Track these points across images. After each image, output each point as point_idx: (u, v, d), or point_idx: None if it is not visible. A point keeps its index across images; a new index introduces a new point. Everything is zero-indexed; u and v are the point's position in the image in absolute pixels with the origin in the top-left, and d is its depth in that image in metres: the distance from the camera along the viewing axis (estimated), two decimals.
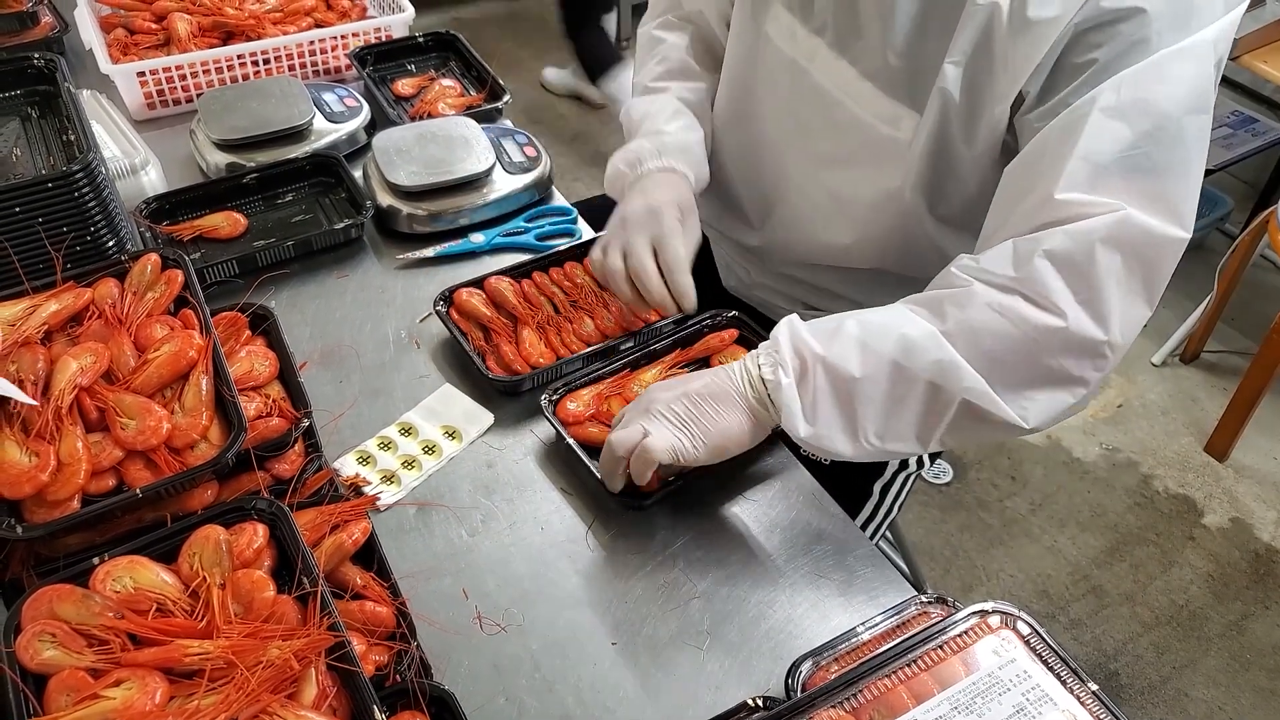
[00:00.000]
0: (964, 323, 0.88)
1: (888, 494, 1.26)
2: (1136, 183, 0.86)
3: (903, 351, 0.88)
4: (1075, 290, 0.87)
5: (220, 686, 0.70)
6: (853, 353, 0.89)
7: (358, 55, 1.53)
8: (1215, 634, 2.00)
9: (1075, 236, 0.86)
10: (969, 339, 0.88)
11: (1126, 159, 0.86)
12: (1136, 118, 0.86)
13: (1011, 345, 0.88)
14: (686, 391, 0.93)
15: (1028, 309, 0.87)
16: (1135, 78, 0.86)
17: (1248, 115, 2.58)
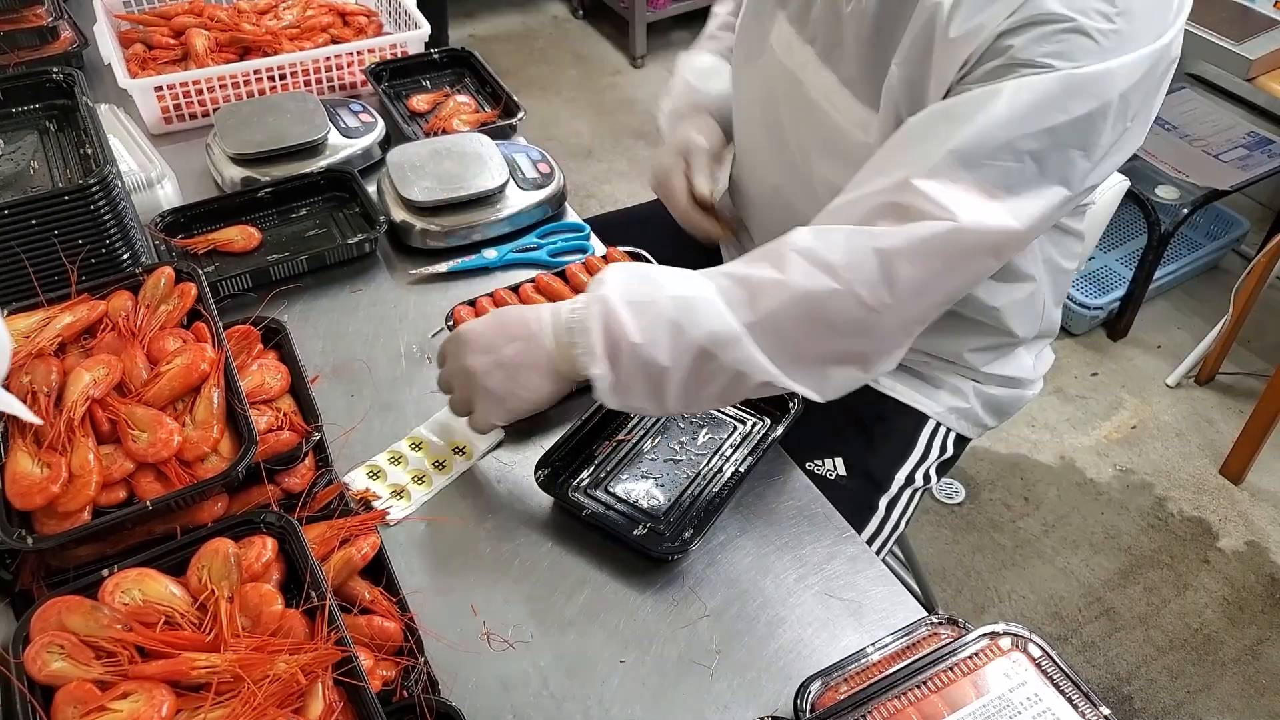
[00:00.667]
0: (772, 318, 0.91)
1: (894, 509, 1.26)
2: (985, 191, 0.89)
3: (711, 342, 0.91)
4: (890, 287, 0.90)
5: (227, 700, 0.70)
6: (663, 339, 0.91)
7: (373, 71, 1.54)
8: (1230, 659, 1.98)
9: (910, 241, 0.89)
10: (772, 335, 0.91)
11: (990, 168, 0.88)
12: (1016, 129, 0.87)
13: (817, 336, 0.92)
14: (501, 361, 0.96)
15: (842, 303, 0.90)
16: (1032, 87, 0.86)
17: (1263, 137, 2.57)
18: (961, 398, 1.27)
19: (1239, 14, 2.21)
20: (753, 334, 0.91)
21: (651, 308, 0.92)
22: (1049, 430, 2.43)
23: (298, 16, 1.64)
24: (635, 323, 0.91)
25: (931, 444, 1.28)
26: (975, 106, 0.88)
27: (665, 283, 0.93)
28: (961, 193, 0.88)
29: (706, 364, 0.92)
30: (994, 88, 0.87)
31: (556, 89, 3.63)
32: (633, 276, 0.95)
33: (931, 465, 1.29)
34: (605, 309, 0.92)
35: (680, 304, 0.91)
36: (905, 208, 0.89)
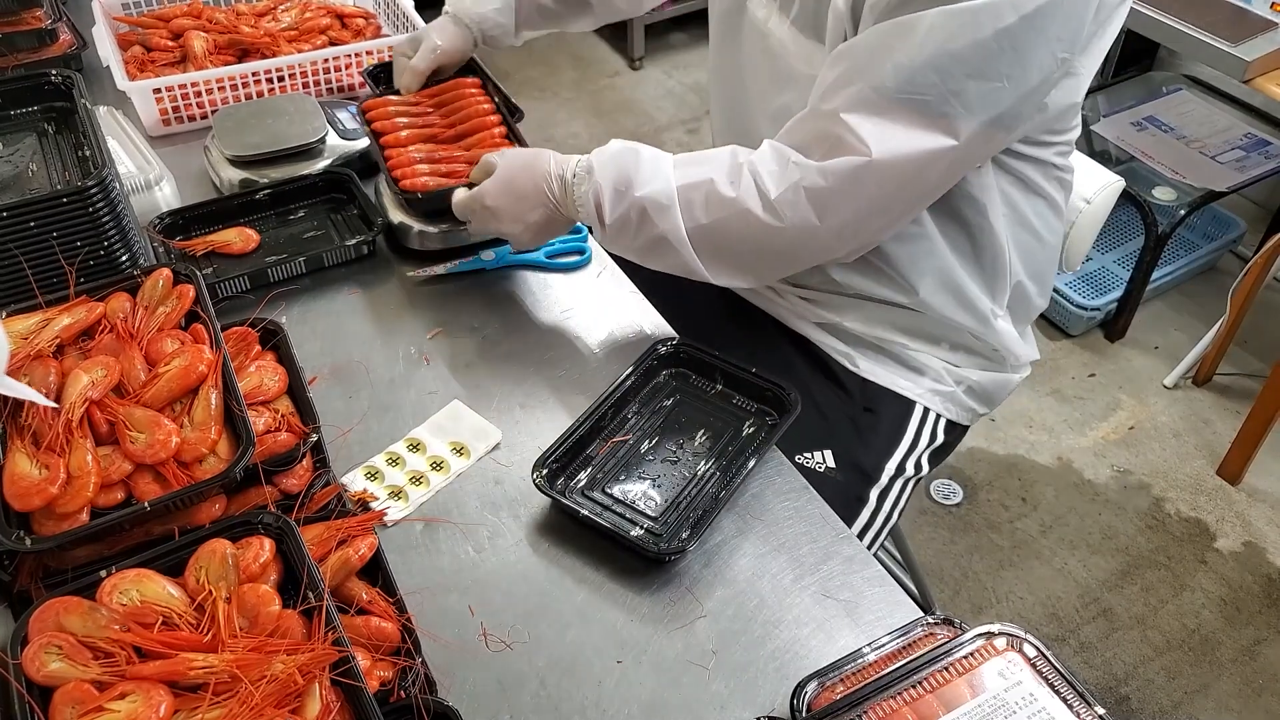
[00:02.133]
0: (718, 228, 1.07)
1: (885, 500, 1.26)
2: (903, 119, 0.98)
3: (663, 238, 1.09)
4: (818, 213, 1.03)
5: (224, 700, 0.70)
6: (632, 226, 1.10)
7: (371, 73, 1.54)
8: (1227, 659, 1.98)
9: (828, 176, 1.01)
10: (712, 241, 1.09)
11: (908, 100, 0.97)
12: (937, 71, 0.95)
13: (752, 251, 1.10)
14: (529, 224, 1.16)
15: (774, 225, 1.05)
16: (955, 17, 0.93)
17: (1260, 138, 2.58)
18: (943, 380, 1.28)
19: (1236, 16, 2.21)
20: (691, 238, 1.08)
21: (626, 200, 1.09)
22: (1046, 431, 2.43)
23: (296, 19, 1.64)
24: (612, 209, 1.10)
25: (921, 431, 1.29)
26: (898, 35, 0.96)
27: (640, 182, 1.09)
28: (881, 125, 0.98)
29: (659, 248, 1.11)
30: (914, 17, 0.95)
31: (554, 90, 3.64)
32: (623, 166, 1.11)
33: (923, 454, 1.29)
34: (598, 197, 1.10)
35: (649, 204, 1.09)
36: (834, 138, 1.01)
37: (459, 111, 1.35)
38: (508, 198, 1.15)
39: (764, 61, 1.20)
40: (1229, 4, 2.25)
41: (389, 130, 1.31)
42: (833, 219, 1.04)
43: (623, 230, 1.11)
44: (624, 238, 1.12)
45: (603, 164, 1.11)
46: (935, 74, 0.95)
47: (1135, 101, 2.73)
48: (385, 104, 1.35)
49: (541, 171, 1.14)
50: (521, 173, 1.15)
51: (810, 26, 1.11)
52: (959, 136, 0.98)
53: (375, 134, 1.31)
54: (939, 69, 0.95)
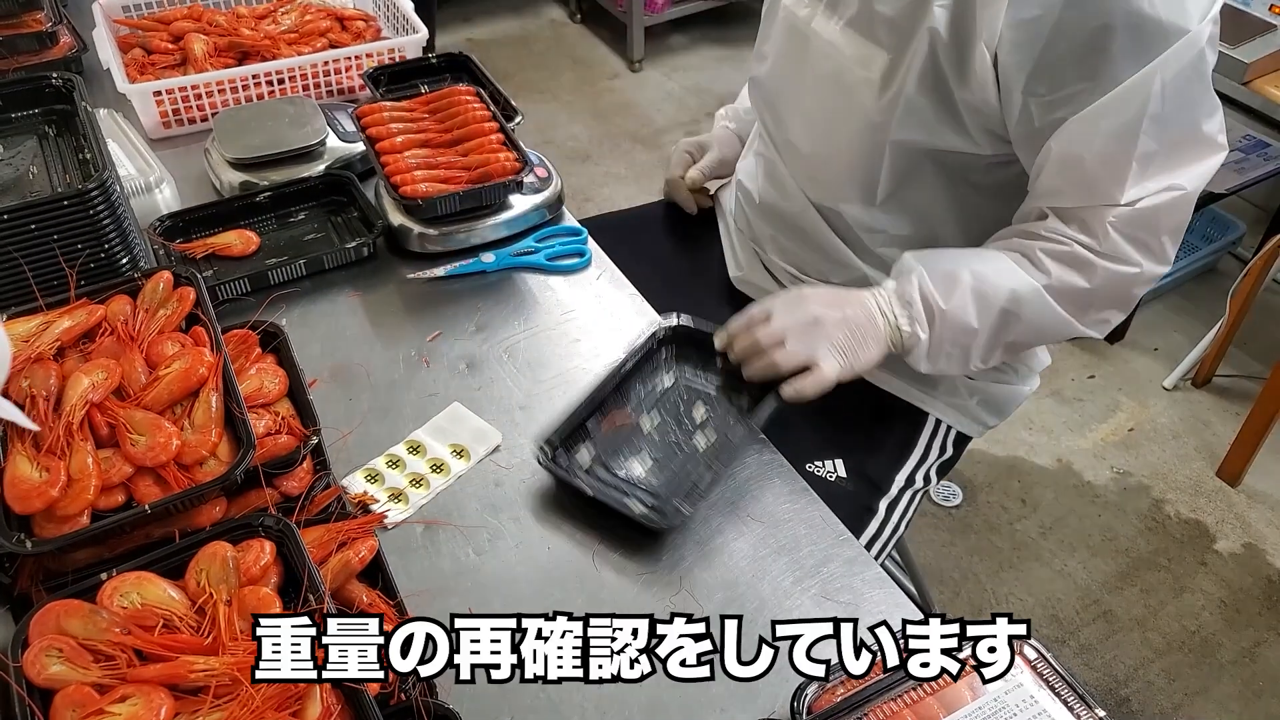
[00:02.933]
0: (1062, 278, 1.06)
1: (894, 511, 1.26)
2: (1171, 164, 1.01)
3: (1012, 302, 1.06)
4: (1142, 249, 1.05)
5: (225, 703, 0.70)
6: (970, 305, 1.06)
7: (371, 76, 1.54)
8: (1227, 661, 1.98)
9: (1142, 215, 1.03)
10: (1066, 292, 1.06)
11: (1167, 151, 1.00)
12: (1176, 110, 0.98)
13: (1098, 292, 1.07)
14: (847, 318, 1.07)
15: (1116, 265, 1.05)
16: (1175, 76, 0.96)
17: (1259, 140, 2.58)
18: (958, 394, 1.28)
19: (1234, 17, 2.21)
20: (1051, 291, 1.06)
21: (953, 280, 1.06)
22: (1046, 433, 2.43)
23: (296, 21, 1.64)
24: (942, 293, 1.06)
25: (931, 444, 1.29)
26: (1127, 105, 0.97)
27: (956, 259, 1.09)
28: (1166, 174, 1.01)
29: (1008, 321, 1.07)
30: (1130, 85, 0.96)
31: (554, 92, 3.64)
32: (928, 259, 1.09)
33: (932, 466, 1.29)
34: (921, 284, 1.07)
35: (976, 274, 1.07)
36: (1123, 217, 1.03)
37: (455, 117, 1.34)
38: (826, 291, 1.11)
39: (798, 62, 1.20)
40: (1228, 6, 2.25)
41: (384, 136, 1.30)
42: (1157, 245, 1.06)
43: (962, 310, 1.07)
44: (963, 318, 1.07)
45: (906, 264, 1.10)
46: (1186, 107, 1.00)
47: None
48: (380, 109, 1.34)
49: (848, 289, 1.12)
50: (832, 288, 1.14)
51: (872, 31, 1.09)
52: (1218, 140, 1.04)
53: (370, 140, 1.31)
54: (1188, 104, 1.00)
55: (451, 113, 1.35)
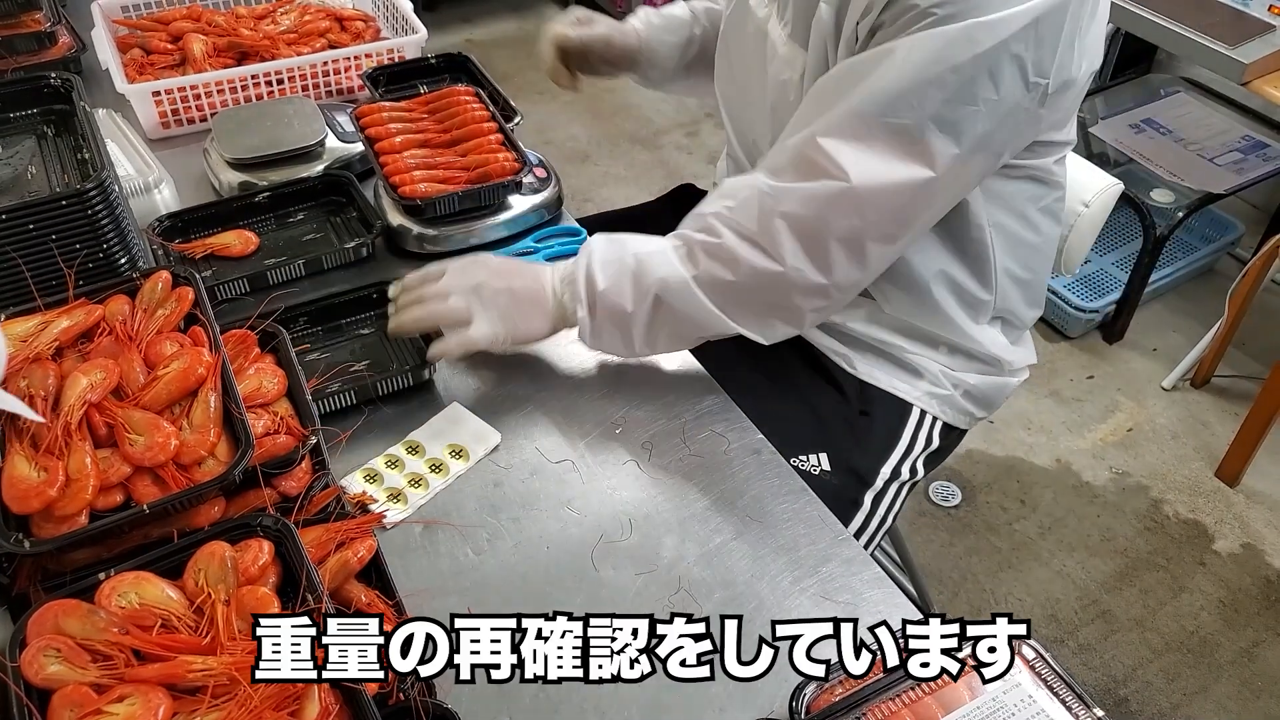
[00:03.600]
0: (709, 271, 1.06)
1: (880, 504, 1.26)
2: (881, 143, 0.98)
3: (663, 290, 1.06)
4: (804, 246, 1.02)
5: (223, 703, 0.70)
6: (627, 288, 1.07)
7: (370, 76, 1.54)
8: (1226, 661, 1.98)
9: (807, 203, 1.01)
10: (713, 285, 1.06)
11: (885, 125, 0.97)
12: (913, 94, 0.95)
13: (747, 288, 1.06)
14: (512, 289, 1.09)
15: (762, 261, 1.04)
16: (925, 43, 0.94)
17: (1258, 140, 2.58)
18: (939, 384, 1.28)
19: (1233, 18, 2.22)
20: (698, 283, 1.05)
21: (617, 264, 1.07)
22: (1045, 433, 2.43)
23: (295, 21, 1.64)
24: (603, 274, 1.07)
25: (917, 435, 1.28)
26: (874, 63, 0.96)
27: (629, 243, 1.09)
28: (859, 151, 0.98)
29: (660, 308, 1.07)
30: (891, 45, 0.96)
31: (554, 93, 3.63)
32: (608, 241, 1.10)
33: (919, 458, 1.29)
34: (588, 266, 1.08)
35: (639, 259, 1.07)
36: (811, 163, 1.01)
37: (454, 118, 1.34)
38: (500, 261, 1.14)
39: (758, 64, 1.20)
40: (1227, 6, 2.25)
41: (383, 136, 1.31)
42: (817, 247, 1.03)
43: (619, 291, 1.07)
44: (617, 300, 1.07)
45: (585, 247, 1.10)
46: (913, 99, 0.95)
47: (1133, 104, 2.73)
48: (379, 109, 1.34)
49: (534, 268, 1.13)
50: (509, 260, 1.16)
51: (798, 33, 1.11)
52: (936, 165, 0.98)
53: (369, 140, 1.31)
54: (916, 94, 0.95)
55: (450, 113, 1.35)
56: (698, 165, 3.23)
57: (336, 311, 1.18)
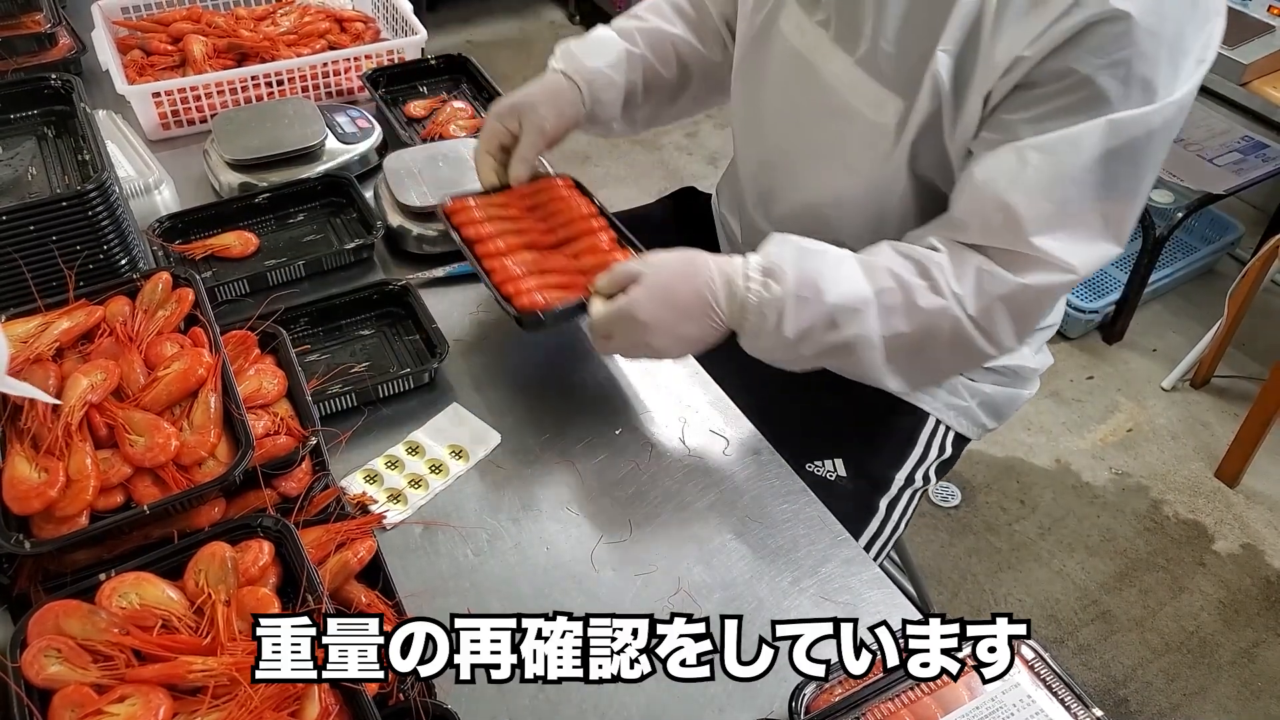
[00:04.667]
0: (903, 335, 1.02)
1: (894, 510, 1.26)
2: (1090, 228, 0.98)
3: (852, 342, 1.02)
4: (1015, 327, 1.03)
5: (223, 704, 0.70)
6: (816, 335, 1.01)
7: (370, 77, 1.54)
8: (1226, 661, 1.98)
9: (1027, 290, 1.00)
10: (903, 351, 1.03)
11: (1091, 209, 0.97)
12: (1114, 165, 0.95)
13: (937, 357, 1.05)
14: (679, 337, 1.02)
15: (978, 340, 1.02)
16: (1126, 126, 0.93)
17: (1258, 141, 2.58)
18: (959, 395, 1.28)
19: (1233, 19, 2.20)
20: (886, 345, 1.02)
21: (814, 307, 1.00)
22: (1045, 434, 2.43)
23: (295, 22, 1.64)
24: (796, 320, 1.00)
25: (931, 443, 1.29)
26: (1071, 152, 0.95)
27: (825, 285, 1.00)
28: (1076, 242, 0.98)
29: (840, 354, 1.03)
30: (1082, 128, 0.94)
31: None
32: (806, 270, 1.00)
33: (931, 465, 1.29)
34: (780, 306, 0.99)
35: (840, 310, 1.00)
36: (1028, 259, 0.99)
37: (556, 215, 1.19)
38: (665, 309, 1.00)
39: (801, 93, 1.16)
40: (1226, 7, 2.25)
41: (483, 238, 1.15)
42: (1025, 326, 1.04)
43: (803, 339, 1.01)
44: (801, 346, 1.02)
45: (780, 268, 1.00)
46: (1120, 179, 0.97)
47: None
48: (468, 207, 1.18)
49: (703, 279, 1.01)
50: (679, 281, 1.01)
51: (892, 79, 1.05)
52: (1125, 233, 1.01)
53: (468, 242, 1.15)
54: (1123, 174, 0.96)
55: (552, 209, 1.20)
56: (698, 166, 3.23)
57: (337, 312, 1.18)
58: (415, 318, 1.17)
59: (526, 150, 1.20)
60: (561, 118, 1.22)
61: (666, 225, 1.54)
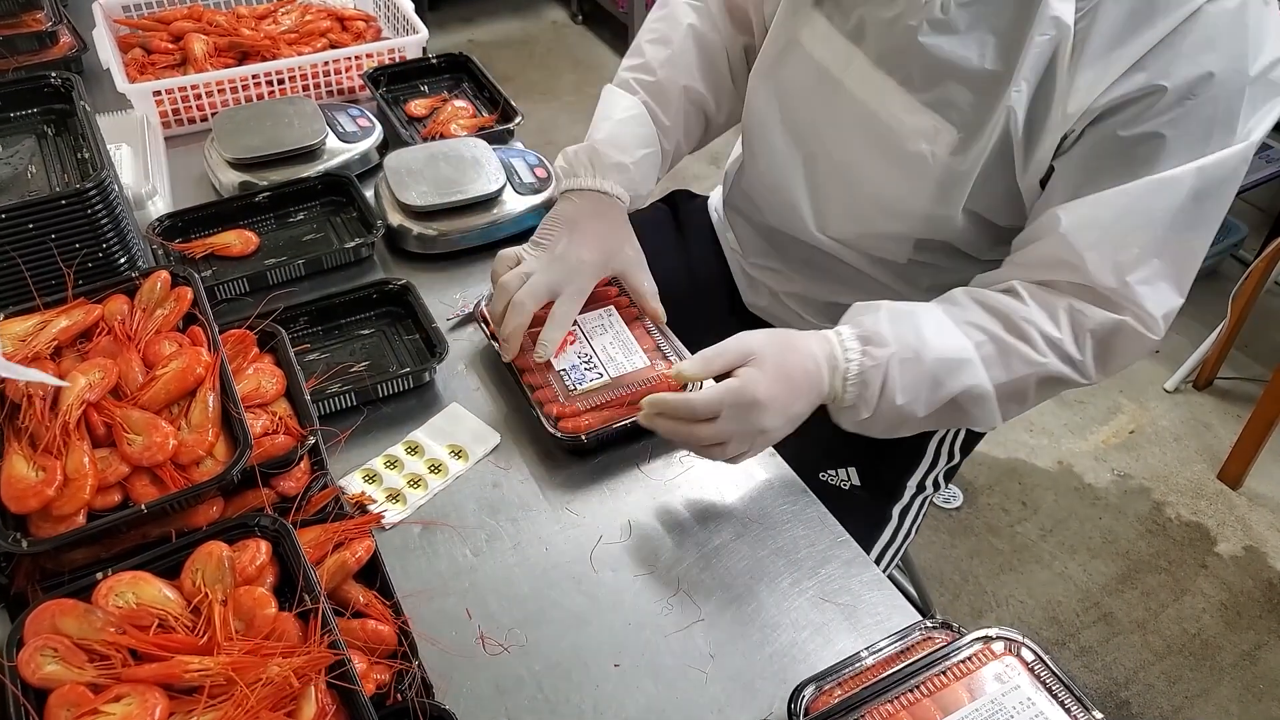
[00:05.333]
0: (1015, 380, 1.00)
1: (906, 518, 1.26)
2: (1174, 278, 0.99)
3: (963, 398, 1.00)
4: (1099, 361, 1.02)
5: (220, 703, 0.70)
6: (923, 396, 0.98)
7: (371, 76, 1.54)
8: (1228, 664, 1.98)
9: (1115, 327, 0.99)
10: (1012, 395, 1.01)
11: (1169, 254, 0.97)
12: (1195, 214, 0.95)
13: (1041, 392, 1.03)
14: (791, 416, 0.96)
15: (1071, 374, 1.01)
16: (1211, 171, 0.93)
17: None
18: None
19: None
20: (999, 393, 1.00)
21: (917, 366, 0.97)
22: (1047, 435, 2.43)
23: (296, 21, 1.64)
24: (902, 382, 0.97)
25: (941, 449, 1.29)
26: (1163, 196, 0.94)
27: (927, 340, 0.98)
28: (1159, 295, 0.98)
29: (952, 410, 1.01)
30: (1177, 174, 0.93)
31: (555, 94, 3.64)
32: (905, 334, 0.98)
33: (940, 471, 1.29)
34: (884, 372, 0.97)
35: (943, 365, 0.98)
36: (1112, 304, 0.99)
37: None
38: (781, 385, 0.94)
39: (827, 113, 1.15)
40: None
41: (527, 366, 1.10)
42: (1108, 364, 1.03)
43: (913, 401, 0.98)
44: (912, 408, 0.99)
45: (878, 333, 0.98)
46: (1199, 224, 0.97)
47: None
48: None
49: (806, 352, 0.97)
50: (790, 354, 0.96)
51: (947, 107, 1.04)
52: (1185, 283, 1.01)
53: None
54: (1203, 218, 0.97)
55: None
56: (698, 165, 3.23)
57: (336, 311, 1.17)
58: (415, 317, 1.17)
59: (564, 318, 1.08)
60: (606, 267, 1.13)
61: (665, 228, 1.53)
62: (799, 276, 1.31)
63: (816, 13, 1.12)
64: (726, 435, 0.93)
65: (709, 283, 1.46)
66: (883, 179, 1.12)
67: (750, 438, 0.95)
